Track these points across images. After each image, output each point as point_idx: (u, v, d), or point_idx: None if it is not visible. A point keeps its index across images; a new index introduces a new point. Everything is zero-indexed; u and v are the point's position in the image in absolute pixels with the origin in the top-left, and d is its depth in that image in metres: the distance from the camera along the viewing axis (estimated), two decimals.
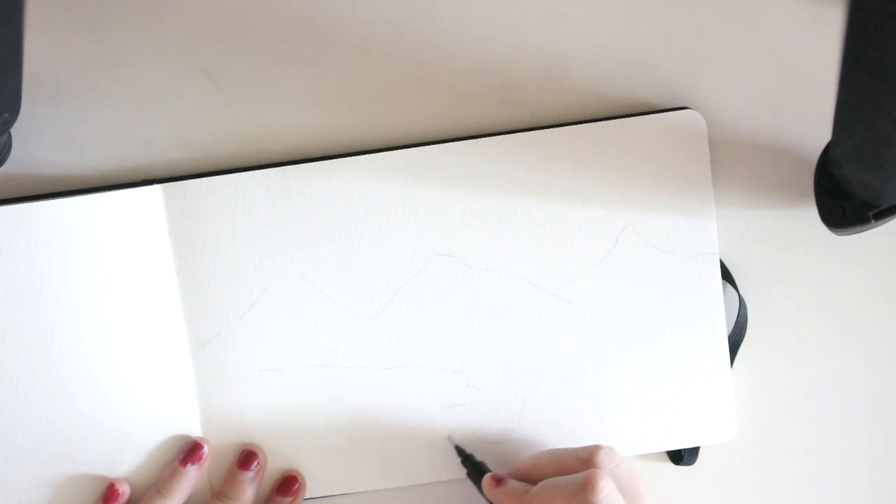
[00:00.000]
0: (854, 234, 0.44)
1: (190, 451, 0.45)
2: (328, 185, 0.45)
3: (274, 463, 0.46)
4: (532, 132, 0.45)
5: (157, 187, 0.45)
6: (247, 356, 0.45)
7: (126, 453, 0.45)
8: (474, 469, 0.44)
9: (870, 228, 0.43)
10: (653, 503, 0.41)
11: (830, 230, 0.44)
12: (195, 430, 0.45)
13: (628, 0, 0.46)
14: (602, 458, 0.41)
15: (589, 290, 0.45)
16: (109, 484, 0.45)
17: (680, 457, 0.46)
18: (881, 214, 0.42)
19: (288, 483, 0.45)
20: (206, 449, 0.45)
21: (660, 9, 0.46)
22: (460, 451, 0.45)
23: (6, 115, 0.41)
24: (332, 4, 0.45)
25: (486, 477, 0.42)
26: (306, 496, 0.46)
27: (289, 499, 0.45)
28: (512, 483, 0.42)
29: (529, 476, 0.42)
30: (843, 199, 0.43)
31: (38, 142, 0.46)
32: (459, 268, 0.45)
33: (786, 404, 0.47)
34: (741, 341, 0.46)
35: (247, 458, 0.45)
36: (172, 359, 0.45)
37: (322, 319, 0.45)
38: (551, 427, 0.46)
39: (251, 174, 0.45)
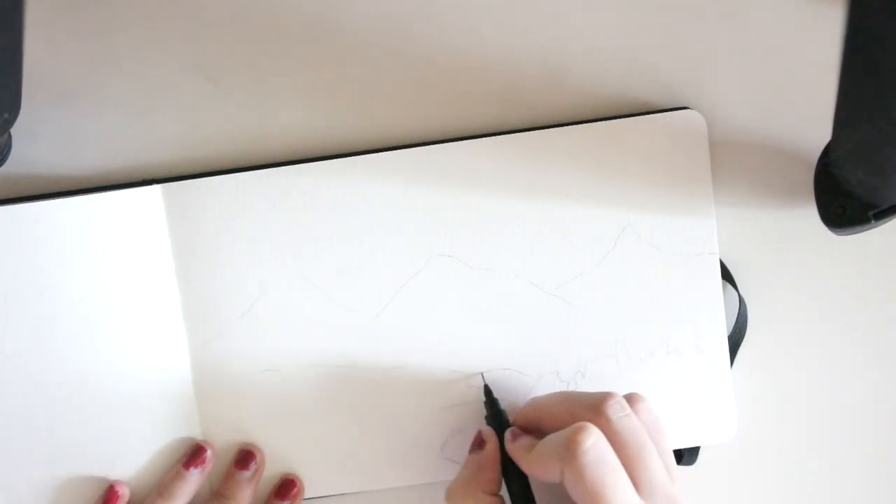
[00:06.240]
0: (854, 234, 0.44)
1: (193, 454, 0.45)
2: (328, 185, 0.45)
3: (273, 463, 0.46)
4: (532, 132, 0.45)
5: (157, 187, 0.45)
6: (247, 356, 0.45)
7: (125, 454, 0.45)
8: (495, 416, 0.43)
9: (870, 228, 0.43)
10: (655, 459, 0.38)
11: (830, 230, 0.44)
12: (195, 431, 0.45)
13: (628, 0, 0.46)
14: (609, 406, 0.39)
15: (589, 290, 0.45)
16: (109, 486, 0.44)
17: (680, 456, 0.46)
18: (881, 214, 0.42)
19: (286, 487, 0.45)
20: (209, 452, 0.45)
21: (660, 9, 0.46)
22: (488, 393, 0.44)
23: (6, 115, 0.41)
24: (333, 4, 0.45)
25: (508, 432, 0.42)
26: (306, 496, 0.46)
27: (287, 502, 0.45)
28: (523, 440, 0.41)
29: (540, 418, 0.41)
30: (843, 199, 0.43)
31: (38, 142, 0.46)
32: (459, 268, 0.45)
33: (786, 404, 0.47)
34: (741, 341, 0.46)
35: (244, 457, 0.45)
36: (172, 359, 0.45)
37: (322, 319, 0.45)
38: None
39: (251, 174, 0.45)
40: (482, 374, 0.45)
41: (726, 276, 0.46)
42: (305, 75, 0.46)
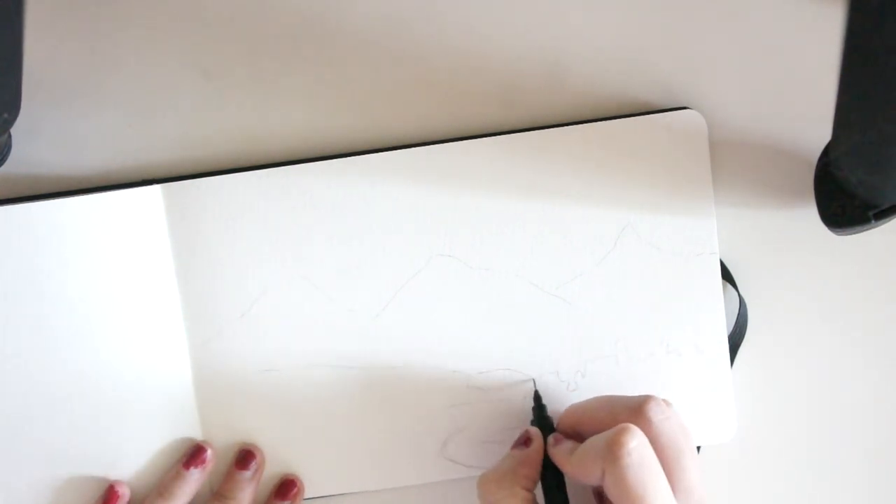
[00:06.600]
0: (854, 234, 0.44)
1: (193, 454, 0.45)
2: (328, 185, 0.45)
3: (274, 463, 0.46)
4: (532, 132, 0.45)
5: (157, 187, 0.45)
6: (247, 356, 0.45)
7: (125, 454, 0.45)
8: (541, 421, 0.44)
9: (870, 228, 0.43)
10: (693, 461, 0.39)
11: (830, 230, 0.44)
12: (195, 431, 0.45)
13: (628, 0, 0.46)
14: (651, 409, 0.39)
15: (589, 290, 0.45)
16: (109, 486, 0.44)
17: None
18: (881, 214, 0.42)
19: (286, 487, 0.45)
20: (209, 452, 0.45)
21: (660, 9, 0.46)
22: (537, 398, 0.45)
23: (6, 115, 0.41)
24: (333, 4, 0.45)
25: (551, 436, 0.43)
26: (306, 496, 0.46)
27: (287, 502, 0.45)
28: (565, 444, 0.42)
29: (580, 422, 0.42)
30: (843, 199, 0.43)
31: (38, 142, 0.46)
32: (459, 268, 0.45)
33: (786, 404, 0.47)
34: (741, 341, 0.46)
35: (244, 457, 0.45)
36: (172, 359, 0.45)
37: (322, 319, 0.45)
38: None
39: (251, 174, 0.45)
40: (533, 380, 0.45)
41: (726, 276, 0.46)
42: (305, 75, 0.46)
